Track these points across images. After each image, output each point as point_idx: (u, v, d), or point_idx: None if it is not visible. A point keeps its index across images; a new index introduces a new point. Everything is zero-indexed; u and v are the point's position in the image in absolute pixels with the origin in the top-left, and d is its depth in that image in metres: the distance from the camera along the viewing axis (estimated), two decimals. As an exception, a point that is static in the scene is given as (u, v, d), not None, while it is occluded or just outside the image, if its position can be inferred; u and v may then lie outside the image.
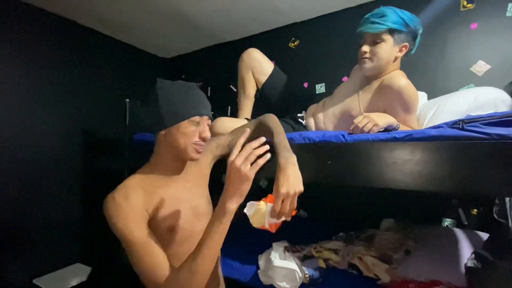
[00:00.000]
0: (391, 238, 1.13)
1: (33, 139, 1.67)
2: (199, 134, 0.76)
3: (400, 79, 0.94)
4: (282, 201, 0.71)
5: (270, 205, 0.72)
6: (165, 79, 0.79)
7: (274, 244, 1.13)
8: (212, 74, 2.43)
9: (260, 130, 0.93)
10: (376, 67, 1.00)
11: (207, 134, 0.77)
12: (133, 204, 0.67)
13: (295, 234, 1.41)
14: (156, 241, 0.66)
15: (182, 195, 0.79)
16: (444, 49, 1.51)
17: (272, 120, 0.90)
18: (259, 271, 1.10)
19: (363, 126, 0.86)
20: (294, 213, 0.74)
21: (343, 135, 0.84)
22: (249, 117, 1.39)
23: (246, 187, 0.62)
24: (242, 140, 0.64)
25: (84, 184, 1.94)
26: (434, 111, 1.01)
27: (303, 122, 1.22)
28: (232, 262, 1.17)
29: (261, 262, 1.13)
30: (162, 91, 0.74)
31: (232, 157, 0.61)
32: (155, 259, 0.64)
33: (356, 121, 0.89)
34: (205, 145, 0.79)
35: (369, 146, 0.79)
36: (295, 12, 1.85)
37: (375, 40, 0.97)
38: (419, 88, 1.34)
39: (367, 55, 0.99)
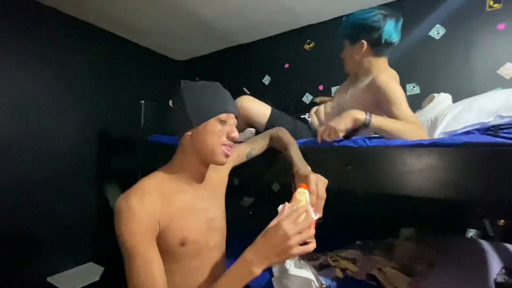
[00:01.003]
0: (412, 249, 1.08)
1: (50, 139, 1.71)
2: (227, 134, 0.72)
3: (378, 77, 0.99)
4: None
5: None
6: (180, 81, 0.77)
7: (289, 251, 1.10)
8: (226, 76, 2.43)
9: (273, 143, 0.95)
10: (347, 68, 1.15)
11: (236, 134, 0.73)
12: (145, 212, 0.62)
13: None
14: (159, 260, 0.62)
15: (200, 205, 0.75)
16: (469, 51, 1.45)
17: (284, 133, 0.92)
18: (273, 279, 1.06)
19: (327, 136, 0.85)
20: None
21: (364, 139, 0.81)
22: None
23: (283, 259, 0.56)
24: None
25: (99, 184, 1.97)
26: (461, 109, 0.96)
27: (308, 120, 1.21)
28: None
29: (275, 269, 1.09)
30: (186, 91, 0.72)
31: (281, 216, 0.57)
32: (153, 280, 0.59)
33: (319, 131, 0.88)
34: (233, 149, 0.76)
35: (394, 152, 0.75)
36: (310, 14, 1.82)
37: (345, 45, 1.12)
38: (442, 90, 1.29)
39: (342, 55, 1.16)
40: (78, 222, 1.84)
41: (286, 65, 2.09)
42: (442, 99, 1.14)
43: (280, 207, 0.64)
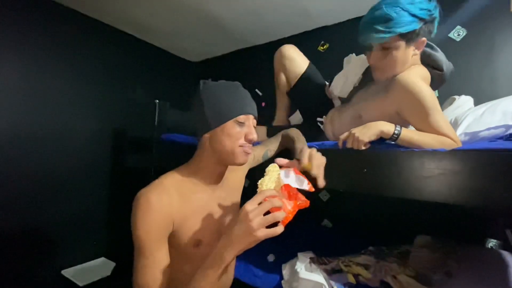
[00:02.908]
0: (429, 257, 1.03)
1: (67, 137, 1.76)
2: (245, 136, 0.71)
3: (408, 76, 0.80)
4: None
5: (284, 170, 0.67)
6: (193, 82, 0.77)
7: (300, 254, 1.08)
8: (239, 77, 2.41)
9: (284, 142, 0.96)
10: (389, 75, 0.87)
11: (254, 136, 0.72)
12: (162, 210, 0.63)
13: (319, 244, 1.34)
14: (166, 262, 0.63)
15: (216, 206, 0.75)
16: (491, 53, 1.39)
17: (294, 131, 0.93)
18: (283, 281, 1.05)
19: (349, 145, 0.79)
20: (312, 189, 0.67)
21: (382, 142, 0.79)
22: (285, 114, 1.39)
23: (251, 243, 0.54)
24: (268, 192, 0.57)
25: (113, 181, 2.01)
26: (484, 111, 0.91)
27: (322, 126, 1.17)
28: (255, 269, 1.13)
29: (285, 271, 1.08)
30: (205, 92, 0.71)
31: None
32: (155, 280, 0.61)
33: (340, 138, 0.82)
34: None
35: (413, 155, 0.73)
36: (325, 15, 1.81)
37: (384, 47, 0.83)
38: (462, 93, 1.24)
39: (376, 65, 0.87)
40: (92, 218, 1.88)
41: (307, 61, 2.07)
42: (463, 102, 1.10)
43: (259, 181, 0.64)
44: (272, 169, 0.66)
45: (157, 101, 1.55)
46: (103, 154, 1.97)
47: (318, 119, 1.19)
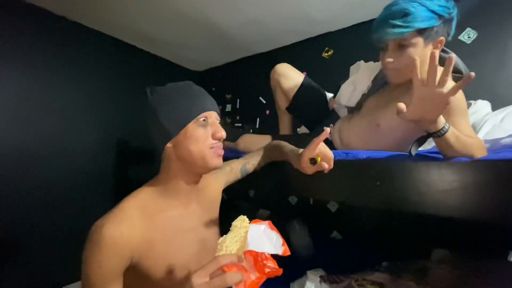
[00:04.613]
0: (449, 274, 0.96)
1: (70, 149, 1.74)
2: (212, 135, 0.65)
3: None
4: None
5: (255, 226, 0.54)
6: (182, 82, 0.69)
7: (309, 273, 1.01)
8: (242, 86, 2.42)
9: (269, 154, 0.91)
10: (406, 77, 0.81)
11: (222, 133, 0.65)
12: (117, 246, 0.55)
13: (329, 260, 1.27)
14: None
15: (190, 224, 0.68)
16: (504, 56, 1.33)
17: (283, 144, 0.86)
18: (291, 302, 0.99)
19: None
20: (286, 253, 0.55)
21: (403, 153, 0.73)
22: (288, 130, 1.37)
23: None
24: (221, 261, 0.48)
25: (116, 193, 1.97)
26: (504, 116, 0.86)
27: (329, 136, 1.12)
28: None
29: (294, 290, 1.01)
30: (155, 99, 0.65)
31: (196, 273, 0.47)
32: None
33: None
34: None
35: (429, 167, 0.67)
36: (329, 22, 1.78)
37: (401, 44, 0.78)
38: (477, 97, 1.18)
39: (393, 65, 0.81)
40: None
41: (304, 74, 2.04)
42: (481, 107, 1.04)
43: (220, 239, 0.53)
44: (239, 224, 0.55)
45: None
46: (106, 165, 1.94)
47: (325, 128, 1.15)
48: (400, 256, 1.21)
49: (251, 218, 0.59)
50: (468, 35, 1.41)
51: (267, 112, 2.23)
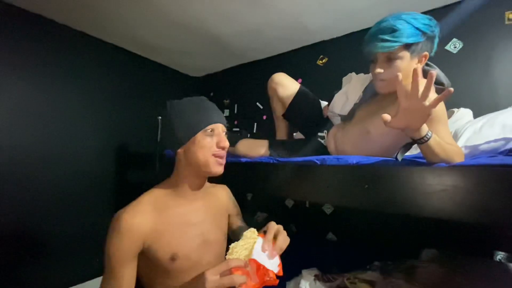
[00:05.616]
0: (436, 272, 1.02)
1: (70, 154, 1.78)
2: (216, 144, 0.76)
3: None
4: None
5: (262, 240, 0.65)
6: (196, 97, 0.81)
7: (304, 272, 1.07)
8: (240, 91, 2.48)
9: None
10: (393, 87, 0.85)
11: (225, 143, 0.76)
12: (133, 232, 0.67)
13: (324, 260, 1.32)
14: (130, 279, 0.67)
15: (194, 219, 0.78)
16: (488, 65, 1.41)
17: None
18: (287, 300, 1.03)
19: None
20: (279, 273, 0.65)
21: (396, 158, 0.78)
22: (284, 135, 1.43)
23: None
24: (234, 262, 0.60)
25: (116, 197, 2.01)
26: (483, 124, 0.92)
27: (323, 141, 1.18)
28: (259, 287, 1.11)
29: (290, 289, 1.06)
30: (172, 110, 0.77)
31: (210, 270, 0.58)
32: None
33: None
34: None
35: (413, 171, 0.73)
36: (323, 31, 1.85)
37: (389, 57, 0.86)
38: (461, 105, 1.25)
39: (382, 76, 0.89)
40: (93, 235, 1.87)
41: (299, 81, 2.11)
42: (462, 115, 1.11)
43: (232, 245, 0.64)
44: (249, 235, 0.66)
45: (160, 117, 1.57)
46: (106, 170, 1.98)
47: (319, 134, 1.20)
48: (392, 256, 1.27)
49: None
50: (454, 45, 1.49)
51: (264, 117, 2.29)
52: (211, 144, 0.75)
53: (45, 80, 1.69)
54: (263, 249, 0.63)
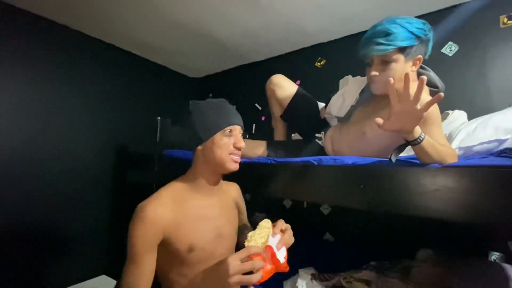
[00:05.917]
0: (431, 272, 1.03)
1: (69, 154, 1.79)
2: (233, 145, 0.80)
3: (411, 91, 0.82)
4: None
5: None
6: (195, 98, 0.86)
7: (301, 271, 1.08)
8: (239, 92, 2.49)
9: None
10: (384, 90, 0.90)
11: (241, 143, 0.81)
12: (155, 222, 0.70)
13: (321, 259, 1.34)
14: (151, 266, 0.71)
15: (210, 213, 0.82)
16: (483, 68, 1.43)
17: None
18: (284, 299, 1.05)
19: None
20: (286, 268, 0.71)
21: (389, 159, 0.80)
22: (282, 136, 1.45)
23: None
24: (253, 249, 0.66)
25: (115, 198, 2.02)
26: (476, 126, 0.94)
27: (321, 142, 1.20)
28: (256, 286, 1.12)
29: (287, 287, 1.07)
30: (195, 110, 0.82)
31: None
32: (136, 281, 0.69)
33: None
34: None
35: (408, 172, 0.74)
36: (322, 33, 1.87)
37: (384, 60, 0.88)
38: (456, 108, 1.27)
39: (377, 78, 0.91)
40: (92, 235, 1.88)
41: (298, 82, 2.12)
42: (457, 117, 1.13)
43: (250, 233, 0.70)
44: (264, 225, 0.72)
45: (159, 118, 1.59)
46: (105, 170, 1.99)
47: (317, 135, 1.22)
48: (387, 256, 1.29)
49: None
50: (450, 48, 1.51)
51: (263, 118, 2.30)
52: (228, 144, 0.80)
53: (45, 81, 1.70)
54: (273, 234, 0.70)
